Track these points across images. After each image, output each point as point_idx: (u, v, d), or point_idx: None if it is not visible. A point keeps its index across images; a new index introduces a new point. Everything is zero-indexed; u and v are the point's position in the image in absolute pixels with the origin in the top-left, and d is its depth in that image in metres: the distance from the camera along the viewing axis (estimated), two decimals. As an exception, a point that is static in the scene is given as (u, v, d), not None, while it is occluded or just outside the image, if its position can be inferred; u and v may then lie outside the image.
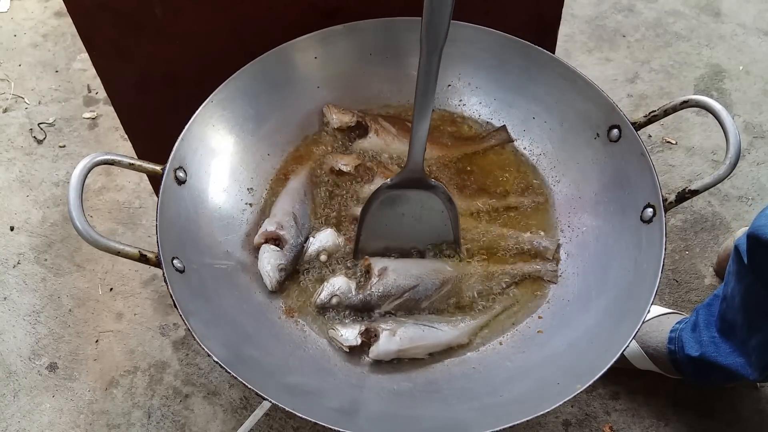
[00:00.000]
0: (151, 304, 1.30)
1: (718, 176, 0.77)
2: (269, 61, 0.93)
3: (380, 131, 0.97)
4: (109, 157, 0.77)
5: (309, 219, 0.92)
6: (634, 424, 1.15)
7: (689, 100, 0.81)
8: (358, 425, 0.71)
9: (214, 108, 0.89)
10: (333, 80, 0.99)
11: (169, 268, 0.75)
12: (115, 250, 0.74)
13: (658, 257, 0.77)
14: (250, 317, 0.83)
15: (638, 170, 0.84)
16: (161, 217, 0.78)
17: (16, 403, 1.20)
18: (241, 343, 0.79)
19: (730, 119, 0.77)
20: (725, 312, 1.00)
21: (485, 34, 0.95)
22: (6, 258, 1.37)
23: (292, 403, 0.68)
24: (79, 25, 0.93)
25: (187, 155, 0.85)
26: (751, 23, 1.75)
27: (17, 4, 1.85)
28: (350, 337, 0.81)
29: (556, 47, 1.11)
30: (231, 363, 0.70)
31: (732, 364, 0.99)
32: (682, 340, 1.08)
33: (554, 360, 0.80)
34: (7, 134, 1.57)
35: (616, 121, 0.88)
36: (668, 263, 1.33)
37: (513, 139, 0.99)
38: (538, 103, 0.97)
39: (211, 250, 0.86)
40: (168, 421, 1.17)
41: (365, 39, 0.98)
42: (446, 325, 0.84)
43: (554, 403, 0.69)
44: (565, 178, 0.95)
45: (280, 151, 0.97)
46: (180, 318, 0.72)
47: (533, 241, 0.90)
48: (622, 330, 0.75)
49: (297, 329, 0.85)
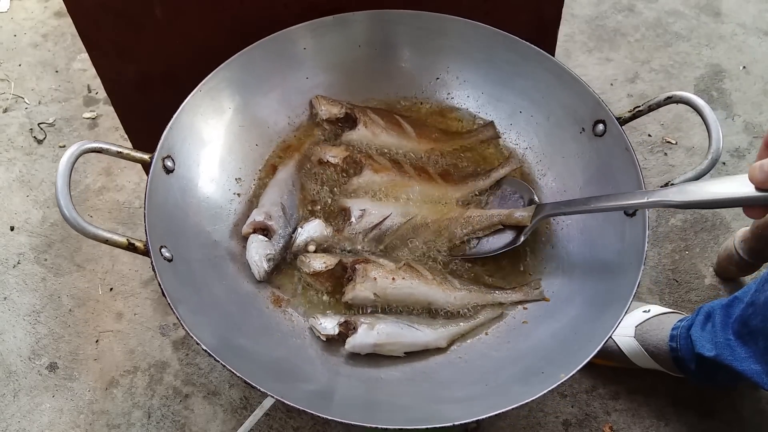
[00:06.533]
0: (151, 304, 1.30)
1: (701, 170, 0.79)
2: (258, 52, 0.93)
3: (369, 123, 0.97)
4: (97, 145, 0.77)
5: (297, 209, 0.92)
6: (634, 424, 1.15)
7: (673, 96, 0.82)
8: (340, 411, 0.71)
9: (202, 97, 0.89)
10: (322, 71, 1.00)
11: (157, 257, 0.75)
12: (102, 238, 0.74)
13: (641, 249, 0.78)
14: (238, 306, 0.84)
15: (622, 164, 0.85)
16: (149, 205, 0.78)
17: (16, 403, 1.20)
18: (229, 331, 0.79)
19: (712, 115, 0.79)
20: (749, 317, 0.97)
21: (474, 28, 0.96)
22: (6, 258, 1.37)
23: (279, 391, 0.68)
24: (79, 25, 0.93)
25: (176, 144, 0.85)
26: (751, 23, 1.75)
27: (17, 4, 1.85)
28: (328, 327, 0.81)
29: (556, 47, 1.11)
30: (219, 351, 0.70)
31: (747, 370, 0.98)
32: (690, 338, 1.07)
33: (539, 350, 0.81)
34: (7, 134, 1.57)
35: (601, 115, 0.89)
36: (668, 263, 1.33)
37: (499, 136, 1.00)
38: (525, 97, 0.98)
39: (200, 240, 0.86)
40: (168, 421, 1.17)
41: (354, 30, 0.98)
42: (426, 326, 0.83)
43: (539, 392, 0.69)
44: (551, 171, 0.96)
45: (268, 141, 0.97)
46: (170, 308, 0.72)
47: (512, 213, 0.91)
48: (605, 320, 0.76)
49: (285, 319, 0.85)
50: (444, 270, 0.89)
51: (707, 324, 1.05)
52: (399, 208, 0.90)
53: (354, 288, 0.83)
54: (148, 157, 0.80)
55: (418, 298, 0.85)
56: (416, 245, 0.90)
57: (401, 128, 0.98)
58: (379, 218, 0.88)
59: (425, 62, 1.02)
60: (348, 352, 0.81)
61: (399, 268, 0.85)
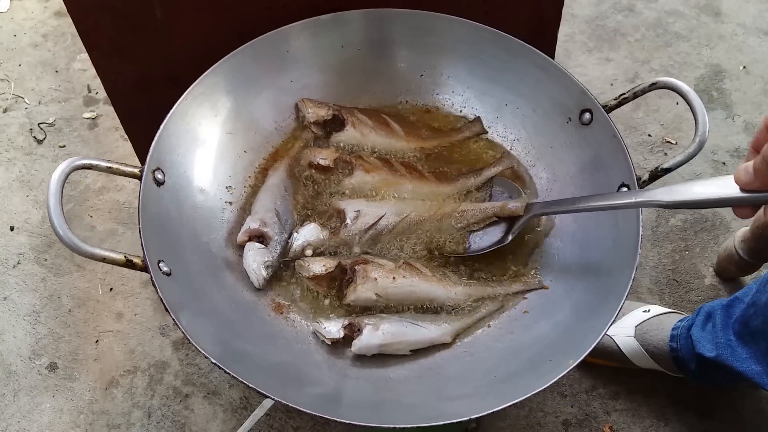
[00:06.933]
0: (151, 304, 1.30)
1: (689, 154, 0.81)
2: (241, 58, 0.92)
3: (357, 123, 0.97)
4: (87, 162, 0.76)
5: (291, 214, 0.91)
6: (634, 424, 1.15)
7: (657, 82, 0.84)
8: (349, 413, 0.71)
9: (188, 106, 0.88)
10: (306, 74, 0.99)
11: (156, 272, 0.74)
12: (99, 257, 0.73)
13: (636, 235, 0.78)
14: (240, 315, 0.83)
15: (611, 152, 0.86)
16: (143, 220, 0.77)
17: (16, 403, 1.20)
18: (234, 340, 0.79)
19: (697, 99, 0.81)
20: (750, 318, 0.97)
21: (458, 24, 0.96)
22: (6, 258, 1.37)
23: (288, 397, 0.68)
24: (79, 25, 0.93)
25: (164, 155, 0.84)
26: (751, 23, 1.75)
27: (17, 4, 1.85)
28: (333, 330, 0.81)
29: (556, 47, 1.11)
30: (226, 362, 0.70)
31: (748, 370, 0.98)
32: (691, 338, 1.07)
33: (543, 338, 0.81)
34: (7, 134, 1.57)
35: (587, 105, 0.89)
36: (668, 263, 1.33)
37: (486, 131, 1.01)
38: (510, 90, 0.99)
39: (196, 251, 0.85)
40: (168, 421, 1.17)
41: (337, 32, 0.97)
42: (430, 323, 0.84)
43: (550, 379, 0.69)
44: (540, 162, 0.97)
45: (256, 147, 0.96)
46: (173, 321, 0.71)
47: (505, 205, 0.92)
48: (607, 305, 0.76)
49: (288, 325, 0.85)
50: (442, 267, 0.89)
51: (707, 324, 1.05)
52: (393, 206, 0.90)
53: (356, 289, 0.83)
54: (139, 171, 0.79)
55: (420, 295, 0.85)
56: (413, 242, 0.90)
57: (389, 127, 0.98)
58: (374, 218, 0.88)
59: (410, 60, 1.02)
60: (354, 354, 0.81)
61: (398, 266, 0.85)
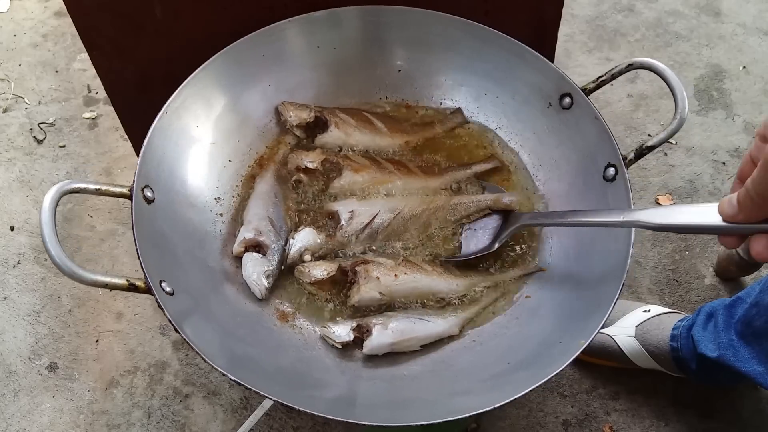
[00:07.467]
0: (151, 304, 1.30)
1: (671, 130, 0.83)
2: (217, 66, 0.91)
3: (340, 124, 0.96)
4: (76, 186, 0.74)
5: (285, 221, 0.90)
6: (634, 424, 1.15)
7: (634, 63, 0.86)
8: (364, 414, 0.71)
9: (169, 119, 0.86)
10: (284, 77, 0.98)
11: (160, 293, 0.73)
12: (101, 284, 0.71)
13: (627, 203, 0.80)
14: (247, 328, 0.82)
15: (594, 133, 0.87)
16: (139, 241, 0.75)
17: (16, 403, 1.20)
18: (243, 351, 0.78)
19: (675, 77, 0.82)
20: (753, 318, 0.97)
21: (430, 17, 0.96)
22: (6, 258, 1.37)
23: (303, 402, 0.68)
24: (79, 25, 0.93)
25: (151, 172, 0.82)
26: (751, 23, 1.75)
27: (17, 4, 1.85)
28: (342, 334, 0.81)
29: (556, 47, 1.11)
30: (239, 373, 0.69)
31: (750, 370, 0.98)
32: (692, 338, 1.07)
33: (549, 321, 0.81)
34: (7, 134, 1.57)
35: (566, 89, 0.90)
36: (668, 263, 1.33)
37: (468, 121, 1.01)
38: (488, 79, 0.99)
39: (195, 267, 0.84)
40: (168, 421, 1.17)
41: (310, 32, 0.97)
42: (437, 316, 0.84)
43: (565, 361, 0.69)
44: (524, 148, 0.98)
45: (241, 155, 0.95)
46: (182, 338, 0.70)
47: (500, 198, 0.93)
48: (607, 284, 0.76)
49: (295, 333, 0.84)
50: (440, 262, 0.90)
51: (709, 324, 1.05)
52: (385, 204, 0.90)
53: (359, 290, 0.83)
54: (128, 190, 0.77)
55: (423, 290, 0.86)
56: (409, 238, 0.90)
57: (372, 125, 0.98)
58: (368, 217, 0.88)
59: (386, 56, 1.01)
60: (365, 355, 0.81)
61: (398, 264, 0.85)
